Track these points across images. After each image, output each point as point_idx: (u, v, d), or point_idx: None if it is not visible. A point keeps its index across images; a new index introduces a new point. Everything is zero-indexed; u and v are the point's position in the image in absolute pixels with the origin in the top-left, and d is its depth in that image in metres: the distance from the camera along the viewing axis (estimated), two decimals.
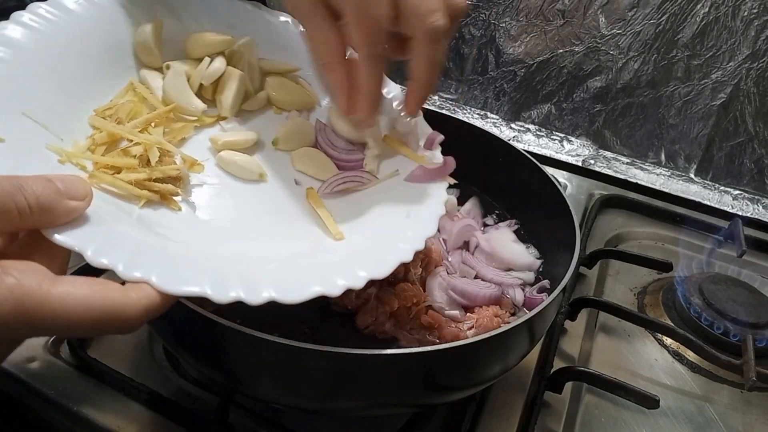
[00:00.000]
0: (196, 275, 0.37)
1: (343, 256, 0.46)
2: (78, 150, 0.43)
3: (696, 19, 0.93)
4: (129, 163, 0.44)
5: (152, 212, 0.44)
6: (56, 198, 0.34)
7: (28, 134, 0.41)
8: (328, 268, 0.43)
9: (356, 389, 0.47)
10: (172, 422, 0.55)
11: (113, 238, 0.37)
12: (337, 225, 0.50)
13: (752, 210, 0.97)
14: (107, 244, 0.36)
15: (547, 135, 1.09)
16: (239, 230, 0.48)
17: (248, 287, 0.39)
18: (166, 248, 0.40)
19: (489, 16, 1.06)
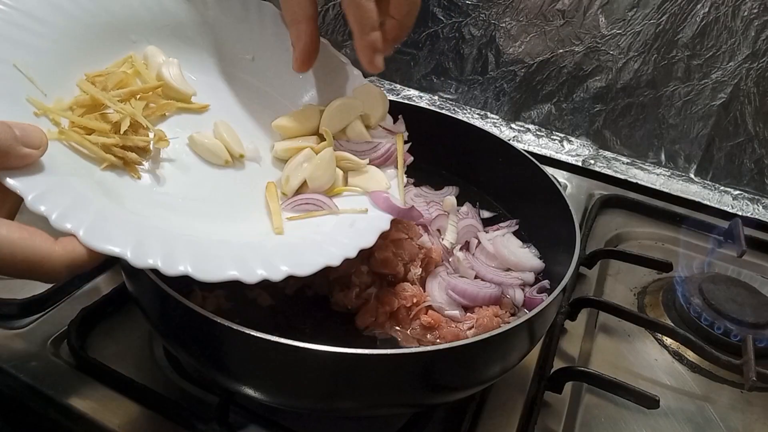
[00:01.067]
0: (122, 237, 0.39)
1: (272, 248, 0.47)
2: (59, 107, 0.45)
3: (696, 19, 0.93)
4: (102, 127, 0.46)
5: (114, 177, 0.46)
6: (12, 143, 0.36)
7: (13, 84, 0.43)
8: (254, 256, 0.44)
9: (356, 389, 0.47)
10: (172, 422, 0.55)
11: (58, 189, 0.39)
12: (283, 220, 0.52)
13: (752, 210, 0.97)
14: (50, 193, 0.38)
15: (547, 135, 1.09)
16: (188, 207, 0.50)
17: (167, 258, 0.40)
18: (105, 208, 0.42)
19: (489, 16, 1.06)
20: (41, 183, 0.38)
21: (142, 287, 0.50)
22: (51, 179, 0.39)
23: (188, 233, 0.45)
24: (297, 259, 0.45)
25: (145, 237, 0.41)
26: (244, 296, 0.58)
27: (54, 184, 0.39)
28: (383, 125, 0.61)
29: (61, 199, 0.38)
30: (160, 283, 0.45)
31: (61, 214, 0.37)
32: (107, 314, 0.65)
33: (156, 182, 0.49)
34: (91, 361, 0.58)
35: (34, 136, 0.38)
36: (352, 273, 0.57)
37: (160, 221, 0.45)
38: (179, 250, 0.41)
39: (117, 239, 0.38)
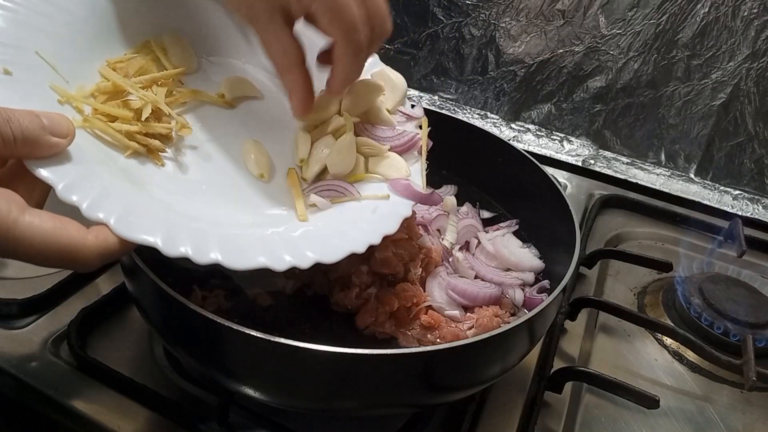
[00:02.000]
0: (152, 226, 0.39)
1: (299, 236, 0.48)
2: (81, 95, 0.45)
3: (696, 19, 0.93)
4: (124, 114, 0.46)
5: (137, 165, 0.46)
6: (40, 132, 0.36)
7: (36, 71, 0.43)
8: (281, 244, 0.45)
9: (356, 389, 0.47)
10: (172, 422, 0.55)
11: (87, 178, 0.39)
12: (305, 207, 0.52)
13: (752, 210, 0.97)
14: (80, 182, 0.38)
15: (547, 135, 1.09)
16: (214, 193, 0.50)
17: (197, 247, 0.40)
18: (133, 196, 0.42)
19: (489, 16, 1.06)
20: (70, 172, 0.38)
21: (142, 287, 0.50)
22: (79, 168, 0.39)
23: (213, 220, 0.46)
24: (322, 246, 0.46)
25: (174, 225, 0.41)
26: (244, 296, 0.58)
27: (82, 173, 0.39)
28: (402, 110, 0.61)
29: (90, 188, 0.39)
30: (160, 283, 0.45)
31: (91, 204, 0.37)
32: (107, 314, 0.65)
33: (179, 169, 0.49)
34: (91, 361, 0.58)
35: (61, 124, 0.38)
36: (352, 273, 0.57)
37: (185, 208, 0.46)
38: (208, 238, 0.42)
39: (148, 228, 0.39)
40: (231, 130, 0.55)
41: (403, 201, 0.53)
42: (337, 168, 0.55)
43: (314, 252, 0.45)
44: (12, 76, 0.41)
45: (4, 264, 0.70)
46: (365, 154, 0.57)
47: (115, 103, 0.47)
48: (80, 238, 0.36)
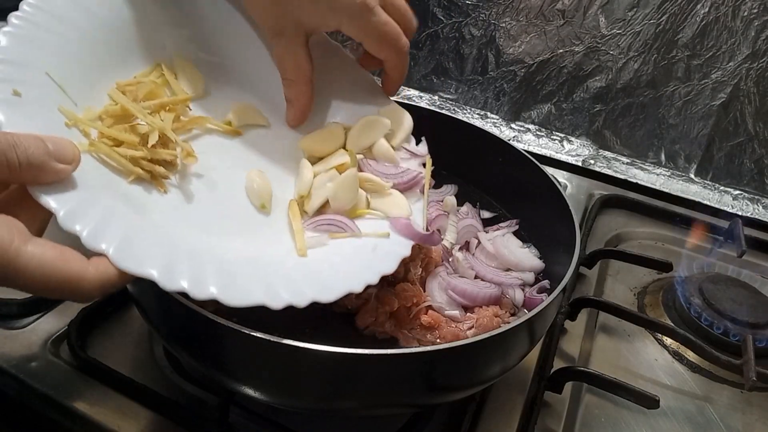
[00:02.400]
0: (151, 258, 0.39)
1: (298, 272, 0.47)
2: (89, 117, 0.45)
3: (696, 19, 0.93)
4: (131, 139, 0.45)
5: (140, 191, 0.46)
6: (46, 158, 0.36)
7: (45, 92, 0.43)
8: (279, 280, 0.44)
9: (356, 389, 0.47)
10: (172, 422, 0.55)
11: (89, 204, 0.39)
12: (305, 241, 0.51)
13: (752, 210, 0.97)
14: (82, 209, 0.38)
15: (547, 135, 1.09)
16: (216, 223, 0.49)
17: (196, 281, 0.40)
18: (134, 224, 0.41)
19: (489, 16, 1.06)
20: (72, 198, 0.38)
21: (142, 287, 0.50)
22: (81, 194, 0.39)
23: (213, 251, 0.45)
24: (320, 284, 0.45)
25: (174, 257, 0.40)
26: None
27: (84, 199, 0.38)
28: (406, 147, 0.61)
29: (92, 216, 0.38)
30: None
31: (91, 232, 0.37)
32: (107, 314, 0.65)
33: (182, 197, 0.48)
34: (91, 361, 0.58)
35: (66, 150, 0.37)
36: None
37: (186, 238, 0.45)
38: (206, 272, 0.41)
39: (147, 260, 0.38)
40: (236, 158, 0.55)
41: (402, 240, 0.53)
42: (339, 203, 0.54)
43: (312, 290, 0.44)
44: (21, 98, 0.40)
45: None
46: (367, 190, 0.56)
47: (122, 127, 0.46)
48: (81, 270, 0.35)
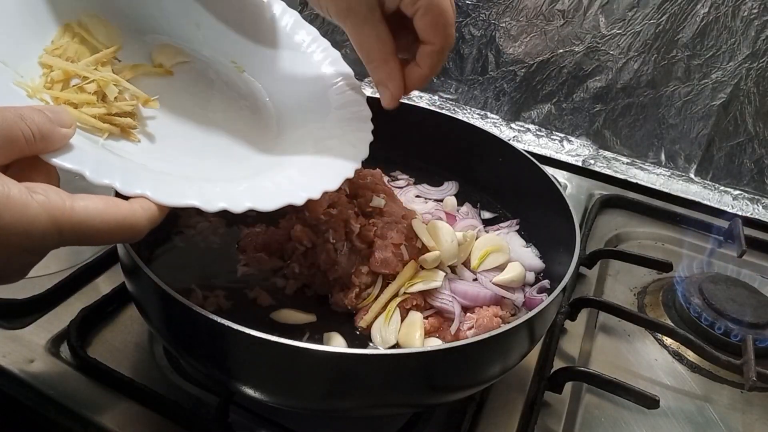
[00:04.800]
0: (183, 190, 0.43)
1: (300, 175, 0.52)
2: (40, 87, 0.45)
3: (696, 19, 0.93)
4: (87, 99, 0.46)
5: (116, 145, 0.47)
6: (51, 126, 0.38)
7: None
8: (291, 184, 0.50)
9: (356, 389, 0.47)
10: (172, 422, 0.55)
11: (102, 161, 0.41)
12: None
13: (752, 210, 0.97)
14: (100, 165, 0.40)
15: (547, 135, 1.09)
16: (198, 155, 0.52)
17: (231, 200, 0.44)
18: (147, 169, 0.45)
19: (489, 16, 1.06)
20: (86, 158, 0.40)
21: (142, 287, 0.50)
22: (86, 154, 0.41)
23: (223, 176, 0.49)
24: (262, 196, 0.48)
25: (201, 186, 0.45)
26: (244, 296, 0.58)
27: (96, 158, 0.41)
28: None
29: (112, 169, 0.41)
30: (160, 283, 0.45)
31: (123, 181, 0.40)
32: (107, 314, 0.65)
33: (151, 140, 0.50)
34: (91, 361, 0.58)
35: (64, 116, 0.39)
36: (352, 273, 0.57)
37: (187, 170, 0.48)
38: (236, 191, 0.46)
39: (181, 193, 0.42)
40: (180, 95, 0.56)
41: (348, 164, 0.54)
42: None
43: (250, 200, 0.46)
44: None
45: None
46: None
47: (70, 89, 0.47)
48: (131, 210, 0.38)
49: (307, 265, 0.60)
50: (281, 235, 0.62)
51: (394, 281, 0.57)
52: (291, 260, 0.61)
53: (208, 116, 0.57)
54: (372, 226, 0.59)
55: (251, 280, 0.60)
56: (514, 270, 0.61)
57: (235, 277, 0.60)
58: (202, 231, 0.65)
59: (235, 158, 0.54)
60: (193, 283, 0.57)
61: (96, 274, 0.70)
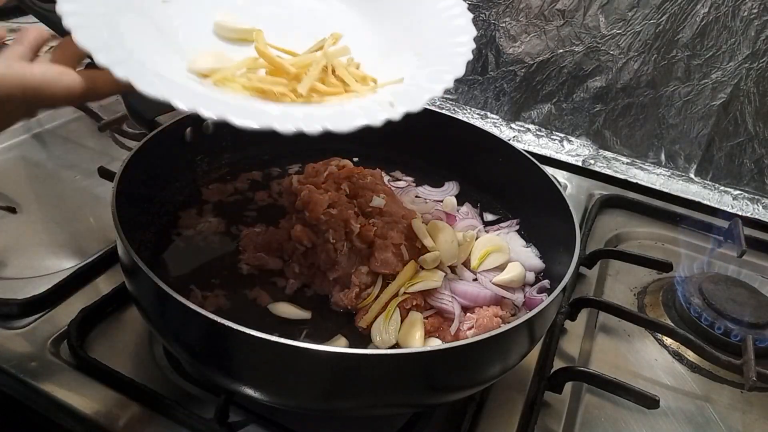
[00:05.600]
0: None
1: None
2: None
3: (696, 19, 0.93)
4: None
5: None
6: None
7: None
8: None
9: (356, 389, 0.47)
10: (172, 422, 0.55)
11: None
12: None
13: (752, 210, 0.97)
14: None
15: (547, 135, 1.09)
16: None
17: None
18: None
19: (489, 16, 1.06)
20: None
21: (142, 287, 0.50)
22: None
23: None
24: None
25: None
26: (244, 296, 0.58)
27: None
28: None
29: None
30: (160, 283, 0.45)
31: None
32: (107, 314, 0.65)
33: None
34: (91, 361, 0.58)
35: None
36: (352, 273, 0.57)
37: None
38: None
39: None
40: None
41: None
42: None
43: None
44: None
45: (4, 264, 0.70)
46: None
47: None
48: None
49: (307, 265, 0.60)
50: (281, 235, 0.62)
51: (394, 281, 0.57)
52: (291, 260, 0.61)
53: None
54: (372, 226, 0.59)
55: (251, 280, 0.60)
56: (514, 270, 0.61)
57: (235, 277, 0.60)
58: (202, 231, 0.65)
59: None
60: (193, 283, 0.57)
61: (96, 274, 0.70)
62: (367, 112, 0.46)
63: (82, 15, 0.44)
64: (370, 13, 0.61)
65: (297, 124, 0.42)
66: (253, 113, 0.42)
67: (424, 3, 0.59)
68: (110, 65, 0.41)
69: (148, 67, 0.44)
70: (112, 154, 0.90)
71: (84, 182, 0.86)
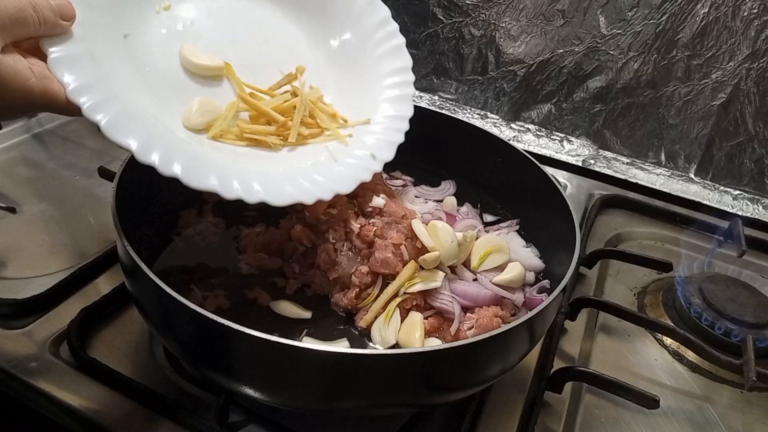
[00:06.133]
0: (135, 129, 0.48)
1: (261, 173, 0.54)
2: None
3: (696, 19, 0.93)
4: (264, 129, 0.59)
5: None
6: (54, 18, 0.46)
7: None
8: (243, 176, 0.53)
9: (356, 389, 0.47)
10: (172, 422, 0.55)
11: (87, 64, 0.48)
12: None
13: (752, 210, 0.97)
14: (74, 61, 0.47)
15: (547, 135, 1.09)
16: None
17: (164, 160, 0.47)
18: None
19: (489, 16, 1.06)
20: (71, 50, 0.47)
21: (142, 287, 0.50)
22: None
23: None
24: (274, 188, 0.52)
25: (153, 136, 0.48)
26: (244, 296, 0.58)
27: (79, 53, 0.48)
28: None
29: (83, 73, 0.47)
30: (160, 283, 0.45)
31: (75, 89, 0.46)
32: (107, 314, 0.65)
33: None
34: (91, 361, 0.58)
35: (67, 8, 0.47)
36: (352, 273, 0.57)
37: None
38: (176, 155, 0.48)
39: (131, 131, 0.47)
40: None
41: (367, 165, 0.59)
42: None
43: (263, 190, 0.51)
44: None
45: (4, 264, 0.70)
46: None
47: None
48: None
49: (307, 265, 0.60)
50: (281, 235, 0.62)
51: (394, 281, 0.57)
52: (291, 260, 0.61)
53: None
54: (372, 226, 0.59)
55: (251, 280, 0.60)
56: (514, 270, 0.61)
57: (235, 277, 0.60)
58: (202, 231, 0.65)
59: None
60: (193, 283, 0.57)
61: (96, 274, 0.70)
62: (360, 171, 0.58)
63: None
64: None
65: (317, 192, 0.53)
66: (275, 191, 0.51)
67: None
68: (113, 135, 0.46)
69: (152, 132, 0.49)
70: (112, 154, 0.90)
71: (84, 182, 0.86)
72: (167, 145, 0.48)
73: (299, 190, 0.53)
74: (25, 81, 0.43)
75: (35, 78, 0.44)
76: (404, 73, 0.66)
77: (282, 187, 0.52)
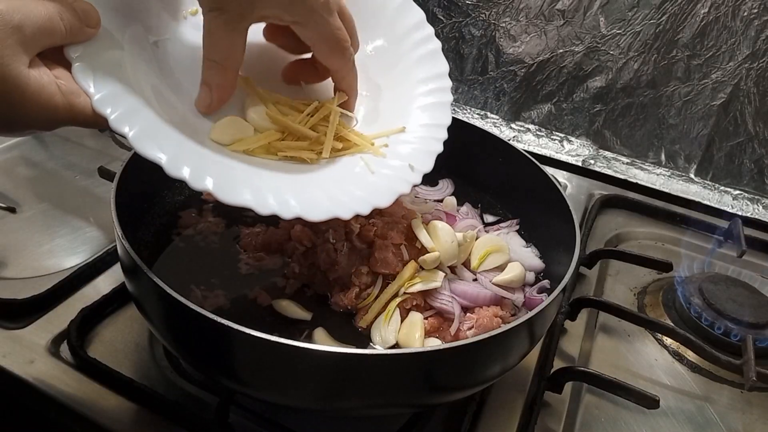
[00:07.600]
0: (164, 145, 0.46)
1: (295, 187, 0.52)
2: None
3: (696, 19, 0.93)
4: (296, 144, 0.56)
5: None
6: (80, 25, 0.44)
7: None
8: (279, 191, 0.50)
9: (356, 389, 0.47)
10: (172, 422, 0.55)
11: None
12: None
13: (752, 210, 0.97)
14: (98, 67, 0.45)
15: (547, 135, 1.09)
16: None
17: (196, 173, 0.45)
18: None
19: (489, 16, 1.06)
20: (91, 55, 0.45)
21: (142, 287, 0.50)
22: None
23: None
24: (312, 202, 0.49)
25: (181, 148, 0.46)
26: (244, 296, 0.58)
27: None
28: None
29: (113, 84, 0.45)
30: (160, 283, 0.45)
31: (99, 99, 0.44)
32: (107, 314, 0.65)
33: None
34: (91, 361, 0.58)
35: (92, 15, 0.45)
36: (352, 273, 0.57)
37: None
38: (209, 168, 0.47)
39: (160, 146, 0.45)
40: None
41: (404, 175, 0.56)
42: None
43: (300, 206, 0.48)
44: None
45: (4, 264, 0.70)
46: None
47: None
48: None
49: (307, 265, 0.60)
50: (281, 235, 0.62)
51: (394, 281, 0.57)
52: (291, 260, 0.61)
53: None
54: (372, 226, 0.59)
55: (251, 280, 0.60)
56: (514, 270, 0.61)
57: (235, 277, 0.60)
58: (202, 231, 0.65)
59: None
60: (193, 283, 0.57)
61: (96, 274, 0.70)
62: (398, 183, 0.54)
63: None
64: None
65: (354, 206, 0.50)
66: (310, 206, 0.48)
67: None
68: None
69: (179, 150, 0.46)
70: (112, 154, 0.90)
71: (84, 182, 0.86)
72: (198, 158, 0.46)
73: (336, 204, 0.50)
74: (50, 98, 0.41)
75: (61, 94, 0.42)
76: (441, 79, 0.63)
77: (318, 202, 0.50)
